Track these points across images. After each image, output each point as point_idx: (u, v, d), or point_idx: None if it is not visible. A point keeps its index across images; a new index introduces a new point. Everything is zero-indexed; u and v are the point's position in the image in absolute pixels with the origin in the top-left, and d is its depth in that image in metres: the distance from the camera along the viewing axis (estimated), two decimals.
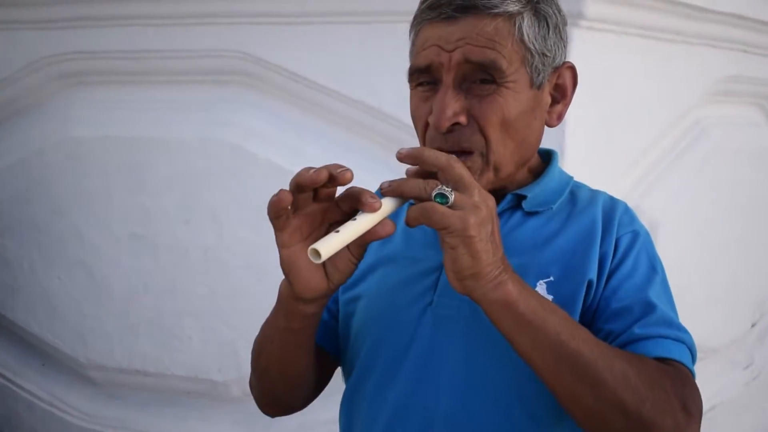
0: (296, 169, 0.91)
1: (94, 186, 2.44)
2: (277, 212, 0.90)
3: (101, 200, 2.44)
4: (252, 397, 1.22)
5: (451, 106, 0.99)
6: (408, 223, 0.89)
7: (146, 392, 2.57)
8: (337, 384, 1.24)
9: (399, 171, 1.48)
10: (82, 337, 2.54)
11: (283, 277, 0.98)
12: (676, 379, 0.95)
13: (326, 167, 0.90)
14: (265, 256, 2.24)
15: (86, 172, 2.44)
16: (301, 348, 1.08)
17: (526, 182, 1.11)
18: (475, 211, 0.86)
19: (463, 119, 1.00)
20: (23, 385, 2.74)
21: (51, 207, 2.50)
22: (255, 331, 1.16)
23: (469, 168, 0.96)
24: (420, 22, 1.04)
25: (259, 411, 1.23)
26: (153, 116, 2.38)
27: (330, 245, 0.86)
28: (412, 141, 1.06)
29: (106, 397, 2.64)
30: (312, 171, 0.88)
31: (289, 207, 0.90)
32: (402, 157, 0.91)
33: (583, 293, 1.03)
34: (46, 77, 2.49)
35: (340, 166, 0.90)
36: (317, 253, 0.85)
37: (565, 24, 1.07)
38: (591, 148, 2.11)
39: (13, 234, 2.58)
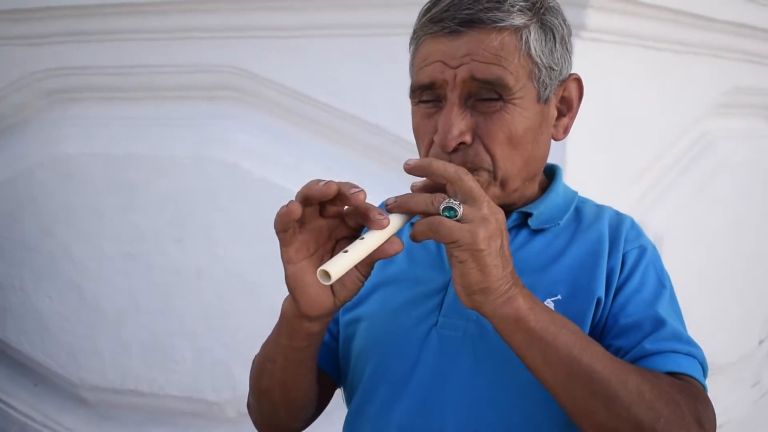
0: (291, 186, 0.88)
1: (84, 204, 2.42)
2: (285, 225, 0.88)
3: (92, 219, 2.42)
4: (248, 417, 1.21)
5: (456, 125, 0.97)
6: (414, 238, 0.88)
7: (140, 413, 2.54)
8: (337, 404, 1.22)
9: (395, 188, 1.44)
10: (75, 357, 2.51)
11: (285, 294, 0.96)
12: (690, 394, 0.93)
13: (337, 184, 0.88)
14: (259, 275, 2.23)
15: (76, 190, 2.42)
16: (303, 367, 1.06)
17: (535, 198, 1.10)
18: (484, 225, 0.85)
19: (468, 138, 0.98)
20: (16, 406, 2.71)
21: (41, 226, 2.48)
22: (249, 351, 1.14)
23: None
24: (421, 35, 1.02)
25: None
26: (144, 133, 2.36)
27: (339, 266, 0.84)
28: (409, 156, 1.03)
29: (100, 418, 2.61)
30: (321, 183, 0.87)
31: (297, 221, 0.89)
32: (410, 169, 0.89)
33: (592, 311, 1.01)
34: (35, 94, 2.48)
35: (354, 186, 0.88)
36: (327, 275, 0.84)
37: (570, 35, 1.05)
38: (594, 161, 2.09)
39: (3, 253, 2.56)
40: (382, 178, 2.01)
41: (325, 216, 0.92)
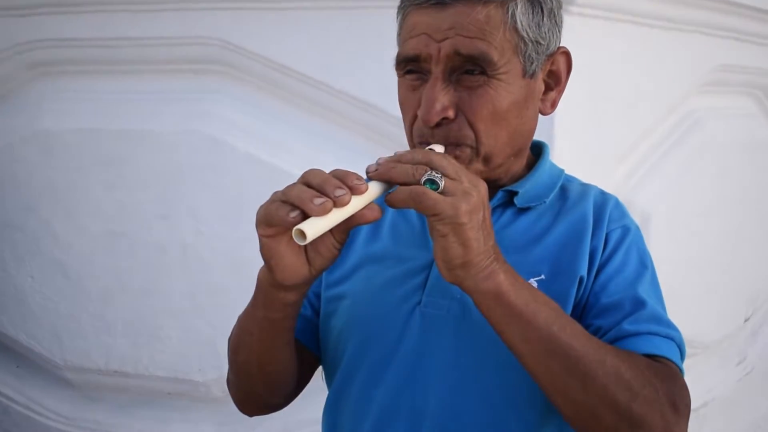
0: (277, 162, 0.86)
1: (67, 181, 2.39)
2: (273, 224, 0.86)
3: (75, 196, 2.39)
4: None
5: (439, 100, 0.97)
6: (394, 204, 0.87)
7: (125, 394, 2.53)
8: (322, 384, 1.21)
9: None
10: (58, 337, 2.49)
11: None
12: (666, 377, 0.94)
13: (331, 200, 0.83)
14: (246, 252, 2.20)
15: (59, 167, 2.39)
16: (280, 339, 1.04)
17: (522, 175, 1.10)
18: (466, 198, 0.85)
19: (451, 113, 0.98)
20: None
21: (23, 203, 2.45)
22: None
23: (458, 158, 0.96)
24: (408, 5, 1.01)
25: None
26: (128, 108, 2.33)
27: (315, 226, 0.83)
28: (397, 132, 1.01)
29: (84, 399, 2.60)
30: (318, 202, 0.83)
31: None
32: (372, 177, 0.88)
33: (574, 290, 1.02)
34: (16, 67, 2.44)
35: (359, 178, 0.86)
36: (302, 235, 0.82)
37: (560, 8, 1.04)
38: (581, 139, 2.09)
39: None
40: (370, 154, 1.98)
41: None
